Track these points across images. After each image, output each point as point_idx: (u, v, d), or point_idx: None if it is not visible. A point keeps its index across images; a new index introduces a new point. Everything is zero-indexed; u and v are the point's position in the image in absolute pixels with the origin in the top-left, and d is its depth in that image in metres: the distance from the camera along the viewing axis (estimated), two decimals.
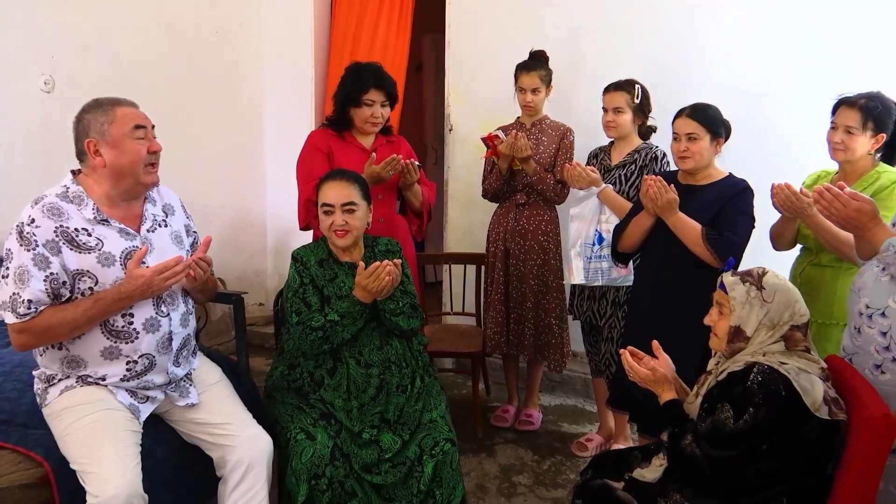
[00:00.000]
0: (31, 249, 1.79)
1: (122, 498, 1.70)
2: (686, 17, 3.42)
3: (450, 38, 4.01)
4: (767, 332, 1.74)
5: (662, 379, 1.88)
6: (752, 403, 1.60)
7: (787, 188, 2.21)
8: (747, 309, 1.75)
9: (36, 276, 1.79)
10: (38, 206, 1.85)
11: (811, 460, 1.63)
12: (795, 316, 1.73)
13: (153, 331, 1.95)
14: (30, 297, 1.78)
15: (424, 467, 2.14)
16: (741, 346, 1.77)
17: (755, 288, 1.75)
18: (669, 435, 1.78)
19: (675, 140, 2.43)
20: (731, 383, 1.69)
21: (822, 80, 2.87)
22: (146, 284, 1.85)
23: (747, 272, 1.79)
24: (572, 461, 3.08)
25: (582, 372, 3.74)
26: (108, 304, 1.84)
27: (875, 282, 1.83)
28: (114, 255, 1.89)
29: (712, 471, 1.65)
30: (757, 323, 1.74)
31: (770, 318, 1.73)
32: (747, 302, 1.75)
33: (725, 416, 1.64)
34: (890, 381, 1.79)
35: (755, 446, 1.61)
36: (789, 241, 2.46)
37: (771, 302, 1.73)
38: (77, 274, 1.85)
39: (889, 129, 2.26)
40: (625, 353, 1.95)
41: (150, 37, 3.84)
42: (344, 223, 2.25)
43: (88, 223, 1.89)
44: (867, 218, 1.83)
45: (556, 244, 3.19)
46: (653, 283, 2.49)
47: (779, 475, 1.63)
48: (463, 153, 4.04)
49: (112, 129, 1.89)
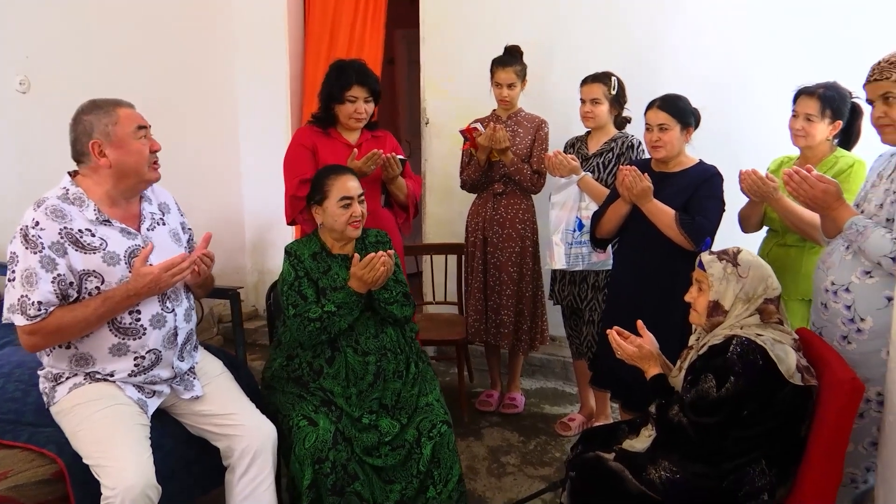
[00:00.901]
0: (37, 252, 1.82)
1: (139, 489, 1.75)
2: (655, 10, 3.55)
3: (424, 33, 4.08)
4: (743, 305, 1.86)
5: (648, 355, 1.99)
6: (733, 373, 1.73)
7: (753, 174, 2.33)
8: (724, 284, 1.88)
9: (44, 278, 1.82)
10: (41, 209, 1.87)
11: (786, 423, 1.76)
12: (769, 289, 1.87)
13: (159, 326, 2.01)
14: (39, 298, 1.81)
15: (423, 449, 2.23)
16: (720, 319, 1.89)
17: (731, 265, 1.88)
18: (657, 406, 1.90)
19: (647, 130, 2.56)
20: (713, 355, 1.81)
21: (785, 71, 3.02)
22: (154, 282, 1.90)
23: (723, 251, 1.92)
24: (556, 440, 3.20)
25: (561, 355, 3.87)
26: (117, 302, 1.89)
27: (840, 260, 1.98)
28: (118, 255, 1.94)
29: (698, 437, 1.78)
30: (734, 297, 1.87)
31: (745, 292, 1.86)
32: (724, 278, 1.88)
33: (709, 385, 1.77)
34: (856, 349, 1.95)
35: (736, 412, 1.74)
36: (756, 223, 2.59)
37: (746, 277, 1.86)
38: (84, 274, 1.89)
39: (845, 116, 2.41)
40: (612, 332, 2.05)
41: (124, 35, 3.82)
42: (361, 214, 2.35)
43: (91, 224, 1.93)
44: (832, 198, 1.96)
45: (532, 232, 3.30)
46: (630, 267, 2.62)
47: (758, 438, 1.76)
48: (440, 146, 4.12)
49: (117, 130, 1.93)
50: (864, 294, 1.92)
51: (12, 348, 2.43)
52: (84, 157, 1.96)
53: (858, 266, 1.93)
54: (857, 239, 1.90)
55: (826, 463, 1.74)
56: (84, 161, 1.97)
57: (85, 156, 1.95)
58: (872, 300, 1.90)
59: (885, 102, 1.88)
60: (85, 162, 1.97)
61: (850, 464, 1.98)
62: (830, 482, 1.75)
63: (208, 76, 4.43)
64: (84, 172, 1.99)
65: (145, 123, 2.01)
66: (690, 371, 1.88)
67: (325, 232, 2.43)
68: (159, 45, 4.04)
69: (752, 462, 1.78)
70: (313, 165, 2.82)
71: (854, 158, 2.39)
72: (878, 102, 1.90)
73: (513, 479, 2.87)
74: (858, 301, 1.93)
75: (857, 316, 1.94)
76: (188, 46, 4.26)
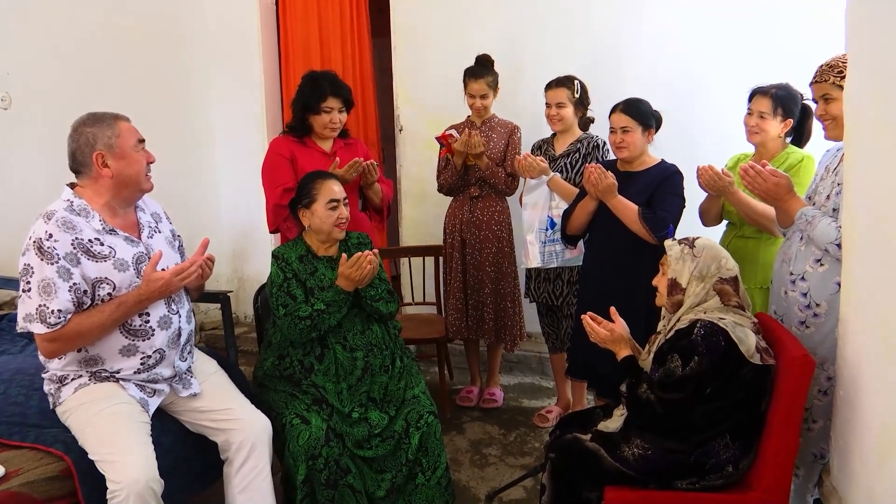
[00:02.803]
0: (53, 263, 1.91)
1: (143, 483, 1.84)
2: (614, 18, 3.72)
3: (395, 42, 4.19)
4: (699, 283, 2.02)
5: (619, 339, 2.13)
6: (697, 353, 1.88)
7: (710, 169, 2.48)
8: (681, 264, 2.04)
9: (62, 287, 1.91)
10: (53, 222, 1.95)
11: (747, 399, 1.91)
12: (722, 269, 2.02)
13: (166, 328, 2.12)
14: (58, 307, 1.90)
15: (411, 439, 2.35)
16: (679, 297, 2.05)
17: (688, 246, 2.05)
18: (627, 385, 2.04)
19: (611, 132, 2.71)
20: (679, 338, 1.96)
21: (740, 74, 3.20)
22: (165, 286, 2.02)
23: (684, 237, 2.10)
24: (535, 432, 3.33)
25: (537, 351, 4.01)
26: (130, 306, 2.01)
27: (797, 251, 2.15)
28: (127, 261, 2.05)
29: (665, 411, 1.92)
30: (689, 275, 2.03)
31: (699, 270, 2.02)
32: (681, 258, 2.05)
33: (674, 364, 1.92)
34: (814, 332, 2.12)
35: (700, 389, 1.89)
36: (715, 216, 2.74)
37: (700, 256, 2.02)
38: (96, 281, 1.99)
39: (795, 115, 2.59)
40: (585, 317, 2.19)
41: (101, 53, 3.88)
42: (346, 216, 2.46)
43: (98, 234, 2.03)
44: (783, 190, 2.13)
45: (508, 233, 3.43)
46: (598, 259, 2.79)
47: (721, 413, 1.91)
48: (413, 152, 4.24)
49: (119, 142, 2.03)
50: (817, 282, 2.08)
51: (9, 356, 2.50)
52: (85, 167, 2.04)
53: (811, 256, 2.09)
54: (806, 228, 2.06)
55: (784, 433, 1.89)
56: (84, 172, 2.05)
57: (86, 167, 2.03)
58: (825, 287, 2.06)
59: (825, 102, 2.08)
60: (85, 173, 2.05)
61: (819, 440, 2.14)
62: (788, 451, 1.90)
63: (184, 89, 4.50)
64: (83, 184, 2.08)
65: (142, 137, 2.12)
66: (657, 354, 2.02)
67: (311, 235, 2.54)
68: (135, 62, 4.11)
69: (716, 436, 1.93)
70: (293, 174, 2.92)
71: (804, 154, 2.56)
72: (820, 101, 2.10)
73: (495, 469, 2.99)
74: (813, 288, 2.09)
75: (812, 302, 2.10)
76: (164, 62, 4.33)
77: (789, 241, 2.23)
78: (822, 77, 2.08)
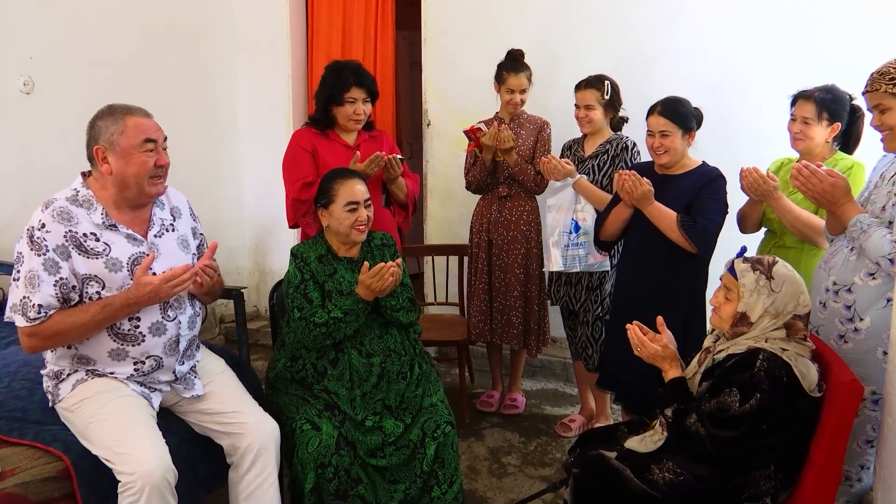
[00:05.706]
0: (41, 254, 1.83)
1: (159, 474, 1.77)
2: (655, 15, 3.56)
3: (426, 35, 4.10)
4: (771, 319, 1.81)
5: (671, 356, 1.96)
6: (759, 390, 1.69)
7: (754, 171, 2.34)
8: (755, 297, 1.82)
9: (46, 281, 1.83)
10: (49, 211, 1.88)
11: (801, 433, 1.76)
12: (799, 306, 1.81)
13: (159, 334, 2.01)
14: (40, 301, 1.82)
15: (427, 449, 2.24)
16: (744, 330, 1.84)
17: (765, 277, 1.81)
18: (674, 412, 1.86)
19: (649, 135, 2.56)
20: (736, 368, 1.77)
21: (783, 73, 3.05)
22: (154, 292, 1.89)
23: (758, 260, 1.86)
24: (557, 441, 3.21)
25: (561, 356, 3.89)
26: (116, 309, 1.89)
27: (844, 261, 1.99)
28: (121, 261, 1.94)
29: (715, 449, 1.75)
30: (762, 310, 1.81)
31: (776, 307, 1.81)
32: (756, 290, 1.81)
33: (732, 399, 1.73)
34: (852, 349, 1.97)
35: (756, 426, 1.72)
36: (755, 223, 2.60)
37: (778, 292, 1.80)
38: (85, 278, 1.89)
39: (843, 118, 2.42)
40: (633, 328, 2.02)
41: (127, 38, 3.84)
42: (367, 218, 2.35)
43: (97, 228, 1.93)
44: (841, 193, 1.97)
45: (537, 234, 3.31)
46: (633, 268, 2.63)
47: (773, 448, 1.75)
48: (441, 148, 4.14)
49: (121, 140, 1.92)
50: (866, 294, 1.93)
51: (17, 347, 2.43)
52: (91, 160, 1.97)
53: (863, 267, 1.95)
54: (859, 237, 1.91)
55: (826, 464, 1.76)
56: (93, 165, 1.98)
57: (92, 159, 1.96)
58: (873, 301, 1.92)
59: (879, 112, 1.92)
60: (93, 166, 1.98)
61: (845, 462, 1.97)
62: (830, 483, 1.77)
63: (210, 78, 4.45)
64: (94, 175, 2.00)
65: (156, 136, 1.97)
66: (706, 376, 1.85)
67: (331, 235, 2.43)
68: (162, 49, 4.07)
69: (762, 467, 1.78)
70: (314, 168, 2.83)
71: (853, 161, 2.40)
72: (874, 112, 1.95)
73: (513, 480, 2.88)
74: (859, 301, 1.95)
75: (856, 315, 1.96)
76: (190, 50, 4.29)
77: (834, 250, 2.07)
78: (873, 86, 1.92)
